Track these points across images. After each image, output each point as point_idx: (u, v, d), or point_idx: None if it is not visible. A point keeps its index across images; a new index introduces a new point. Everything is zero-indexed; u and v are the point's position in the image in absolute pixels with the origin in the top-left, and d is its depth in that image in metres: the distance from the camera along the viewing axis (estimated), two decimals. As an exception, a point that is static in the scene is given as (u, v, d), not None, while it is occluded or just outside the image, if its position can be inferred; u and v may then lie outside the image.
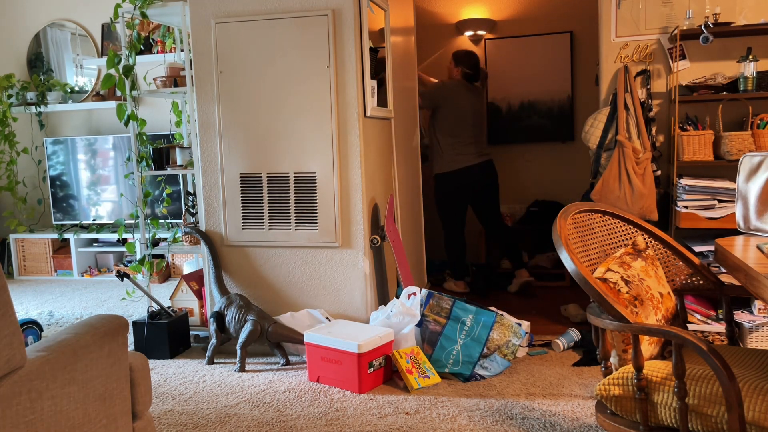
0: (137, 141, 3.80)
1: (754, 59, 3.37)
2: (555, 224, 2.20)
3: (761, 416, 1.64)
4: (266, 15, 3.34)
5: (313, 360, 3.07)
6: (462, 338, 3.09)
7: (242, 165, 3.47)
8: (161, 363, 3.41)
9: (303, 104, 3.35)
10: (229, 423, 2.66)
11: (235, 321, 3.28)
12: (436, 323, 3.15)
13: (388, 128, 3.90)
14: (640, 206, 3.43)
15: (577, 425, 2.51)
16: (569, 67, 5.07)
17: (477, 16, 5.19)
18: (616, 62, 3.69)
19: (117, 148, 5.59)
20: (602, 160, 3.59)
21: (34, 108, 5.74)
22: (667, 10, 3.60)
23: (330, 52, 3.28)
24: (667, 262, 2.39)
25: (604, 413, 1.97)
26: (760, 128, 3.38)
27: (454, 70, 4.60)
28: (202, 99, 3.51)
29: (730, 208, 3.30)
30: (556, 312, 4.02)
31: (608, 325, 1.91)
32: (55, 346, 1.68)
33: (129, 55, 3.71)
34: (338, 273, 3.41)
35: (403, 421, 2.62)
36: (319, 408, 2.78)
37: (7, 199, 6.03)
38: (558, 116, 5.13)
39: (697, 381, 1.76)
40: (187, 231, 3.66)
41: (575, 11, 5.02)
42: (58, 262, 5.72)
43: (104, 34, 5.85)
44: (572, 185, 5.05)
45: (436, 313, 3.17)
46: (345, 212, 3.36)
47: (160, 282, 5.32)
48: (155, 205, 5.34)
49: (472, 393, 2.87)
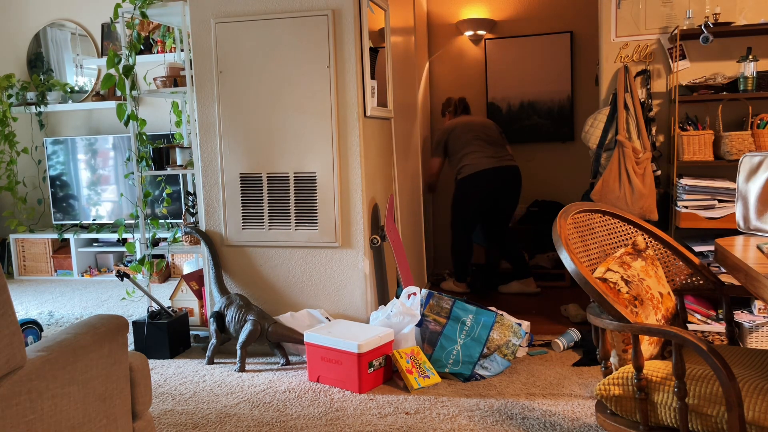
0: (137, 141, 3.80)
1: (754, 59, 3.37)
2: (555, 224, 2.20)
3: (761, 416, 1.64)
4: (266, 15, 3.34)
5: (313, 360, 3.07)
6: (462, 338, 3.09)
7: (242, 165, 3.47)
8: (161, 363, 3.41)
9: (303, 104, 3.35)
10: (229, 423, 2.66)
11: (235, 321, 3.28)
12: (436, 323, 3.15)
13: (388, 128, 3.90)
14: (640, 206, 3.43)
15: (577, 425, 2.51)
16: (569, 67, 5.07)
17: (477, 16, 5.19)
18: (616, 62, 3.69)
19: (117, 148, 5.59)
20: (602, 160, 3.59)
21: (34, 108, 5.75)
22: (667, 10, 3.60)
23: (330, 52, 3.28)
24: (667, 262, 2.39)
25: (604, 413, 1.97)
26: (760, 128, 3.38)
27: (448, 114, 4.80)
28: (202, 99, 3.51)
29: (730, 208, 3.30)
30: (556, 312, 4.01)
31: (608, 325, 1.91)
32: (55, 346, 1.68)
33: (129, 55, 3.71)
34: (338, 273, 3.41)
35: (403, 421, 2.62)
36: (319, 408, 2.78)
37: (7, 199, 6.03)
38: (558, 116, 5.13)
39: (697, 381, 1.76)
40: (187, 231, 3.66)
41: (575, 11, 5.03)
42: (58, 262, 5.72)
43: (104, 34, 5.85)
44: (572, 185, 5.05)
45: (436, 313, 3.17)
46: (345, 212, 3.36)
47: (160, 282, 5.32)
48: (155, 205, 5.34)
49: (472, 393, 2.87)
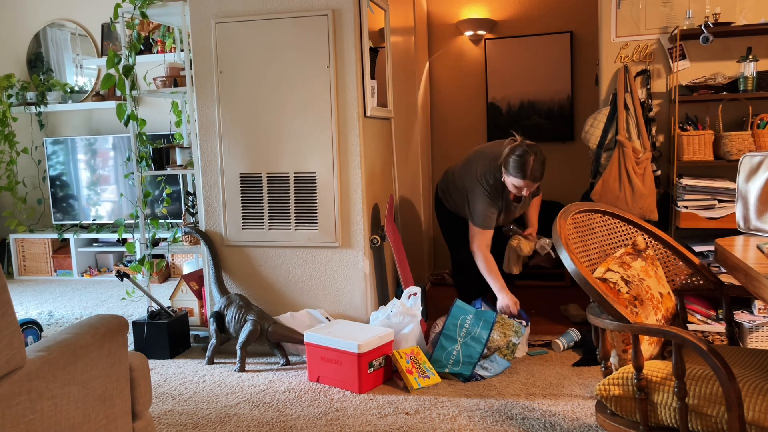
0: (137, 141, 3.79)
1: (754, 59, 3.37)
2: (555, 224, 2.20)
3: (761, 416, 1.64)
4: (266, 15, 3.34)
5: (313, 360, 3.06)
6: (462, 338, 3.09)
7: (242, 165, 3.47)
8: (161, 363, 3.40)
9: (303, 104, 3.35)
10: (229, 423, 2.66)
11: (235, 321, 3.28)
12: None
13: (388, 128, 3.90)
14: (640, 206, 3.43)
15: (577, 425, 2.51)
16: (569, 67, 5.07)
17: (477, 16, 5.18)
18: (616, 62, 3.68)
19: (117, 148, 5.59)
20: (602, 160, 3.59)
21: (34, 108, 5.74)
22: (667, 10, 3.60)
23: (330, 52, 3.28)
24: (667, 262, 2.39)
25: (604, 413, 1.97)
26: (760, 128, 3.38)
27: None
28: (202, 99, 3.51)
29: (730, 208, 3.30)
30: (556, 312, 4.01)
31: (608, 325, 1.91)
32: (55, 346, 1.68)
33: (129, 55, 3.71)
34: (338, 273, 3.41)
35: (403, 421, 2.62)
36: (319, 408, 2.77)
37: (7, 199, 6.03)
38: (558, 116, 5.13)
39: (697, 381, 1.76)
40: (187, 231, 3.66)
41: (575, 11, 5.02)
42: (58, 262, 5.72)
43: (104, 34, 5.85)
44: (572, 185, 5.04)
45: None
46: (345, 212, 3.36)
47: (160, 282, 5.32)
48: (155, 205, 5.34)
49: (472, 393, 2.87)
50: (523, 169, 3.17)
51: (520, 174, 3.18)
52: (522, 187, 3.23)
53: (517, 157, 3.19)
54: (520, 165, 3.18)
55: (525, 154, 3.18)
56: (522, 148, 3.21)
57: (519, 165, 3.18)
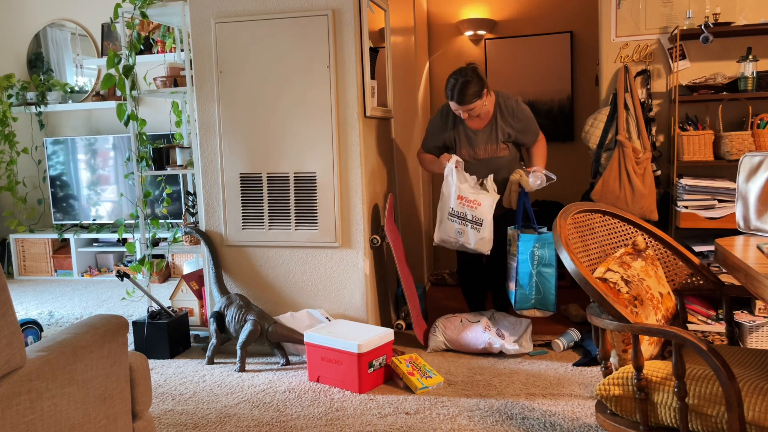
0: (137, 141, 3.79)
1: (754, 59, 3.37)
2: (555, 224, 2.20)
3: (761, 416, 1.64)
4: (266, 15, 3.34)
5: (313, 360, 3.07)
6: (535, 267, 3.22)
7: (242, 165, 3.47)
8: (161, 363, 3.41)
9: (303, 104, 3.35)
10: (229, 423, 2.66)
11: (235, 321, 3.28)
12: (512, 257, 3.31)
13: (388, 128, 3.90)
14: (640, 206, 3.43)
15: (577, 425, 2.51)
16: (569, 67, 5.07)
17: (477, 16, 5.18)
18: (616, 62, 3.68)
19: (117, 148, 5.59)
20: (602, 160, 3.59)
21: (34, 108, 5.74)
22: (667, 10, 3.60)
23: (330, 52, 3.28)
24: (667, 262, 2.39)
25: (604, 413, 1.97)
26: (760, 128, 3.38)
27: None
28: (202, 99, 3.51)
29: (730, 208, 3.30)
30: (556, 312, 4.00)
31: (608, 325, 1.91)
32: (55, 346, 1.68)
33: (129, 55, 3.71)
34: (338, 273, 3.41)
35: (403, 421, 2.62)
36: (319, 408, 2.78)
37: (7, 199, 6.03)
38: (558, 116, 5.13)
39: (697, 381, 1.76)
40: (187, 231, 3.66)
41: (575, 11, 5.02)
42: (58, 262, 5.72)
43: (104, 34, 5.85)
44: (572, 185, 5.04)
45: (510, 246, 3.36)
46: (345, 212, 3.36)
47: (160, 282, 5.32)
48: (155, 205, 5.34)
49: (472, 393, 2.87)
50: (451, 92, 3.34)
51: (448, 96, 3.37)
52: (457, 110, 3.39)
53: (447, 81, 3.38)
54: (449, 88, 3.36)
55: (452, 78, 3.36)
56: (456, 73, 3.37)
57: (448, 88, 3.37)
